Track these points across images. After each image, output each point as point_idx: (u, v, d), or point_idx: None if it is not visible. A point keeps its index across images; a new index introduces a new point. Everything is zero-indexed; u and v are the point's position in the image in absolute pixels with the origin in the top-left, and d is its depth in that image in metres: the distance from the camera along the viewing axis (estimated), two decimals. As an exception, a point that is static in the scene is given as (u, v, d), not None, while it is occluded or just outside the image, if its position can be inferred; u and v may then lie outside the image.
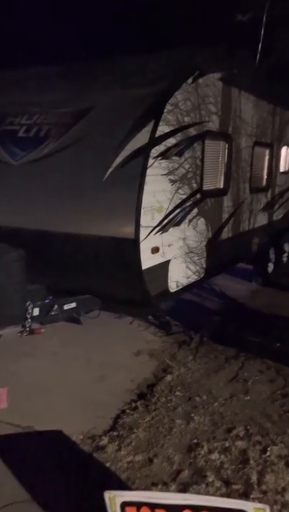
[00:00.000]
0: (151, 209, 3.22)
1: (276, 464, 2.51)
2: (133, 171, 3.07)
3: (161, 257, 3.45)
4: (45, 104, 3.77)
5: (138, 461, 2.53)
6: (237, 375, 3.54)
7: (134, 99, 3.31)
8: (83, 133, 3.41)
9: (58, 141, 3.49)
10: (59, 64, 4.38)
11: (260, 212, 5.67)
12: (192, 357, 3.89)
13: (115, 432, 2.81)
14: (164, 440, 2.72)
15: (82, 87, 3.83)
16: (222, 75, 4.07)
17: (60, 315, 3.40)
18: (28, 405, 3.06)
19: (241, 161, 4.79)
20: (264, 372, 3.59)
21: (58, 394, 3.24)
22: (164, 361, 3.83)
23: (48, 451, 2.61)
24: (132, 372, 3.60)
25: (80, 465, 2.50)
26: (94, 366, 3.70)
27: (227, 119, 4.34)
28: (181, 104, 3.44)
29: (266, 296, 5.76)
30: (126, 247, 3.13)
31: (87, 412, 3.02)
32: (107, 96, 3.53)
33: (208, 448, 2.63)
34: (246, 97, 4.71)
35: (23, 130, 3.73)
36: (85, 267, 3.41)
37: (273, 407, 3.11)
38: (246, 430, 2.82)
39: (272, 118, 5.62)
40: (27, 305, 3.15)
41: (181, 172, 3.57)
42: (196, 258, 3.99)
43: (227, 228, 4.67)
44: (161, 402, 3.12)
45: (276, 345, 4.15)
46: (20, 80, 4.31)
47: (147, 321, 4.72)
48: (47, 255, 3.45)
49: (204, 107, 3.84)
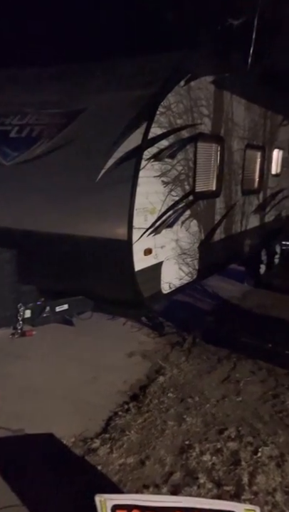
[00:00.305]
0: (144, 210, 3.22)
1: (267, 464, 2.52)
2: (126, 173, 3.07)
3: (154, 258, 3.45)
4: (38, 105, 3.75)
5: (130, 463, 2.52)
6: (229, 376, 3.56)
7: (126, 101, 3.31)
8: (76, 134, 3.40)
9: (50, 142, 3.48)
10: (52, 65, 4.37)
11: (252, 214, 5.71)
12: (185, 358, 3.90)
13: (107, 434, 2.80)
14: (156, 442, 2.72)
15: (75, 88, 3.83)
16: (214, 78, 4.10)
17: (52, 317, 3.38)
18: (18, 408, 3.04)
19: (233, 164, 4.82)
20: (256, 373, 3.62)
21: (50, 396, 3.22)
22: (157, 362, 3.83)
23: (39, 455, 2.59)
24: (124, 374, 3.60)
25: (72, 468, 2.48)
26: (86, 368, 3.69)
27: (219, 121, 4.37)
28: (173, 107, 3.45)
29: (258, 297, 5.81)
30: (119, 249, 3.13)
31: (79, 414, 3.00)
32: (100, 97, 3.53)
33: (200, 449, 2.64)
34: (238, 100, 4.75)
35: (15, 131, 3.71)
36: (77, 268, 3.40)
37: (265, 407, 3.13)
38: (238, 431, 2.83)
39: (263, 121, 5.68)
40: (18, 307, 3.13)
41: (174, 174, 3.59)
42: (188, 259, 4.00)
43: (219, 230, 4.70)
44: (154, 404, 3.12)
45: (268, 346, 4.18)
46: (12, 80, 4.29)
47: (140, 322, 4.72)
48: (39, 256, 3.43)
49: (196, 110, 3.86)
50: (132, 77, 3.59)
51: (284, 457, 2.58)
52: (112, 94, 3.50)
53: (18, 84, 4.20)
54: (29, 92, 4.04)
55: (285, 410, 3.07)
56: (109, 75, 3.81)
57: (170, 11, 5.40)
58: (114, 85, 3.61)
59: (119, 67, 3.89)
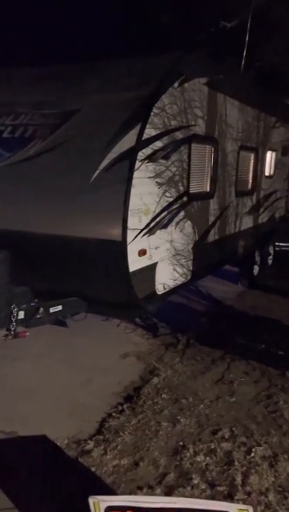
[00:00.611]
0: (139, 211, 3.22)
1: (260, 464, 2.54)
2: (120, 174, 3.07)
3: (149, 259, 3.45)
4: (31, 105, 3.74)
5: (124, 465, 2.52)
6: (223, 377, 3.58)
7: (121, 102, 3.31)
8: (70, 135, 3.39)
9: (44, 143, 3.46)
10: (46, 65, 4.35)
11: (246, 216, 5.75)
12: (179, 359, 3.90)
13: (101, 435, 2.79)
14: (150, 443, 2.72)
15: (68, 88, 3.82)
16: (208, 80, 4.12)
17: (46, 318, 3.36)
18: (12, 410, 3.01)
19: (227, 165, 4.85)
20: (249, 374, 3.64)
21: (43, 398, 3.20)
22: (151, 363, 3.83)
23: (32, 457, 2.57)
24: (118, 375, 3.59)
25: (65, 470, 2.47)
26: (80, 369, 3.67)
27: (213, 123, 4.39)
28: (167, 108, 3.46)
29: (252, 298, 5.84)
30: (113, 250, 3.12)
31: (72, 416, 2.99)
32: (94, 98, 3.52)
33: (194, 450, 2.64)
34: (232, 101, 4.78)
35: (8, 131, 3.68)
36: (71, 269, 3.38)
37: (258, 408, 3.15)
38: (231, 432, 2.84)
39: (257, 123, 5.72)
40: (12, 308, 3.11)
41: (168, 175, 3.59)
42: (183, 260, 4.01)
43: (213, 231, 4.72)
44: (148, 405, 3.12)
45: (261, 347, 4.20)
46: (6, 80, 4.26)
47: (134, 323, 4.71)
48: (32, 257, 3.41)
49: (190, 111, 3.87)
50: (126, 78, 3.59)
51: (277, 457, 2.60)
52: (107, 95, 3.50)
53: (11, 84, 4.18)
54: (23, 92, 4.01)
55: (278, 410, 3.10)
56: (104, 75, 3.81)
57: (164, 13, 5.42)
58: (109, 86, 3.61)
59: (113, 68, 3.89)
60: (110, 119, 3.27)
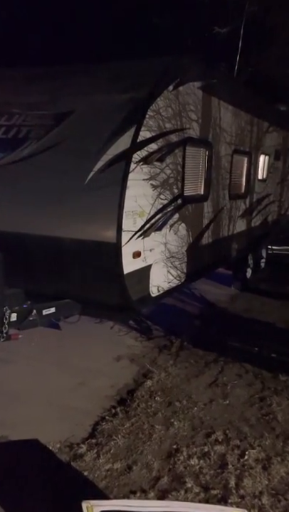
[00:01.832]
0: (133, 213, 3.21)
1: (254, 467, 2.53)
2: (115, 176, 3.06)
3: (143, 261, 3.44)
4: (26, 106, 3.71)
5: (117, 468, 2.49)
6: (216, 380, 3.57)
7: (116, 104, 3.31)
8: (64, 136, 3.38)
9: (38, 144, 3.44)
10: (41, 66, 4.34)
11: (239, 219, 5.79)
12: (172, 362, 3.89)
13: (94, 439, 2.76)
14: (144, 447, 2.69)
15: (63, 90, 3.81)
16: (202, 84, 4.15)
17: (39, 320, 3.32)
18: (3, 413, 2.97)
19: (221, 168, 4.88)
20: (242, 377, 3.64)
21: (35, 401, 3.16)
22: (145, 366, 3.81)
23: (23, 461, 2.53)
24: (112, 378, 3.56)
25: (58, 474, 2.43)
26: (73, 372, 3.64)
27: (207, 126, 4.42)
28: (162, 111, 3.48)
29: (245, 301, 5.87)
30: (107, 252, 3.11)
31: (65, 419, 2.95)
32: (89, 100, 3.52)
33: (188, 453, 2.63)
34: (226, 106, 4.83)
35: (1, 131, 3.65)
36: (65, 271, 3.36)
37: (251, 410, 3.15)
38: (225, 435, 2.84)
39: (250, 127, 5.78)
40: (4, 310, 3.06)
41: (163, 177, 3.60)
42: (177, 263, 4.01)
43: (207, 234, 4.73)
44: (141, 408, 3.10)
45: (254, 350, 4.22)
46: (0, 80, 4.23)
47: (128, 325, 4.69)
48: (25, 258, 3.38)
49: (185, 114, 3.89)
50: (122, 80, 3.59)
51: (270, 460, 2.60)
52: (102, 96, 3.49)
53: (5, 84, 4.15)
54: (17, 92, 3.99)
55: (272, 413, 3.10)
56: (99, 77, 3.81)
57: (159, 17, 5.47)
58: (104, 88, 3.61)
59: (108, 69, 3.89)
60: (105, 120, 3.27)
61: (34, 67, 4.30)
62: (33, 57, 4.71)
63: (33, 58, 4.76)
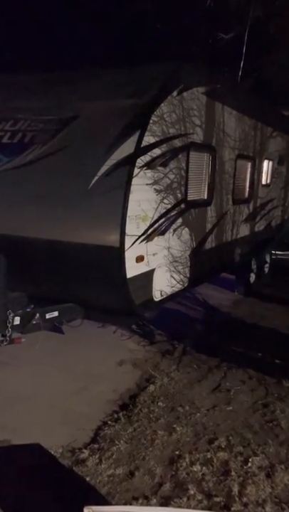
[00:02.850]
0: (137, 218, 3.22)
1: (257, 475, 2.50)
2: (119, 180, 3.08)
3: (146, 265, 3.45)
4: (31, 111, 3.75)
5: (119, 474, 2.47)
6: (219, 385, 3.55)
7: (120, 109, 3.34)
8: (69, 140, 3.41)
9: (43, 148, 3.47)
10: (46, 72, 4.39)
11: (243, 223, 5.78)
12: (175, 367, 3.87)
13: (96, 444, 2.75)
14: (146, 452, 2.67)
15: (68, 95, 3.85)
16: (206, 90, 4.17)
17: (42, 324, 3.33)
18: (5, 418, 2.96)
19: (224, 173, 4.89)
20: (246, 382, 3.61)
21: (38, 405, 3.15)
22: (147, 371, 3.79)
23: (25, 466, 2.52)
24: (114, 383, 3.55)
25: (59, 480, 2.42)
26: (75, 376, 3.63)
27: (211, 131, 4.44)
28: (166, 116, 3.50)
29: (248, 306, 5.84)
30: (111, 256, 3.11)
31: (67, 424, 2.94)
32: (94, 105, 3.55)
33: (190, 460, 2.61)
34: (229, 111, 4.85)
35: (7, 136, 3.69)
36: (68, 275, 3.36)
37: (255, 417, 3.12)
38: (228, 441, 2.81)
39: (254, 132, 5.79)
40: (7, 313, 3.07)
41: (166, 182, 3.61)
42: (180, 267, 4.01)
43: (210, 238, 4.73)
44: (144, 413, 3.08)
45: (258, 355, 4.19)
46: (5, 86, 4.29)
47: (130, 330, 4.68)
48: (29, 262, 3.39)
49: (189, 120, 3.91)
50: (126, 86, 3.62)
51: (274, 468, 2.57)
52: (106, 102, 3.53)
53: (10, 90, 4.20)
54: (22, 98, 4.04)
55: (275, 420, 3.07)
56: (103, 83, 3.85)
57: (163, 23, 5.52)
58: (108, 93, 3.64)
59: (112, 75, 3.93)
60: (109, 125, 3.29)
61: (39, 73, 4.35)
62: (38, 64, 4.77)
63: (37, 64, 4.82)
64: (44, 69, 4.39)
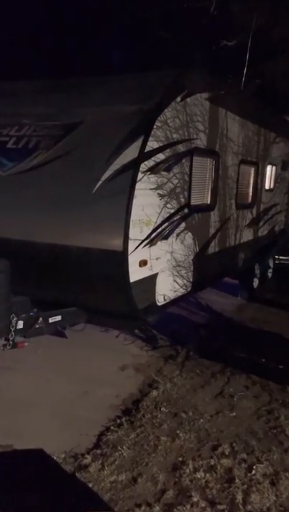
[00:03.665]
0: (140, 222, 3.23)
1: (261, 482, 2.47)
2: (122, 185, 3.09)
3: (149, 270, 3.44)
4: (35, 117, 3.79)
5: (122, 480, 2.45)
6: (223, 391, 3.52)
7: (124, 115, 3.36)
8: (73, 146, 3.43)
9: (47, 153, 3.50)
10: (50, 78, 4.44)
11: (246, 228, 5.77)
12: (178, 372, 3.85)
13: (99, 449, 2.73)
14: (149, 458, 2.65)
15: (72, 101, 3.88)
16: (209, 95, 4.20)
17: (45, 328, 3.32)
18: (7, 422, 2.95)
19: (228, 178, 4.90)
20: (249, 388, 3.58)
21: (40, 410, 3.14)
22: (150, 376, 3.78)
23: (28, 472, 2.50)
24: (117, 388, 3.53)
25: (62, 485, 2.40)
26: (78, 381, 3.61)
27: (214, 137, 4.45)
28: (170, 121, 3.52)
29: (252, 311, 5.81)
30: (114, 260, 3.12)
31: (69, 429, 2.93)
32: (98, 111, 3.58)
33: (194, 466, 2.58)
34: (233, 116, 4.87)
35: (12, 141, 3.73)
36: (71, 279, 3.37)
37: (258, 423, 3.09)
38: (232, 448, 2.78)
39: (257, 138, 5.80)
40: (11, 317, 3.07)
41: (170, 187, 3.62)
42: (183, 272, 4.01)
43: (214, 243, 4.73)
44: (147, 419, 3.06)
45: (261, 361, 4.16)
46: (10, 92, 4.34)
47: (133, 334, 4.67)
48: (32, 266, 3.40)
49: (192, 125, 3.93)
50: (130, 92, 3.65)
51: (278, 475, 2.54)
52: (110, 107, 3.55)
53: (15, 96, 4.25)
54: (27, 104, 4.08)
55: (279, 426, 3.04)
56: (107, 89, 3.88)
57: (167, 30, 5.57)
58: (112, 99, 3.67)
59: (116, 81, 3.96)
60: (113, 131, 3.32)
61: (44, 79, 4.40)
62: (43, 70, 4.83)
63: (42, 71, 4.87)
64: (49, 75, 4.44)
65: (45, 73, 4.64)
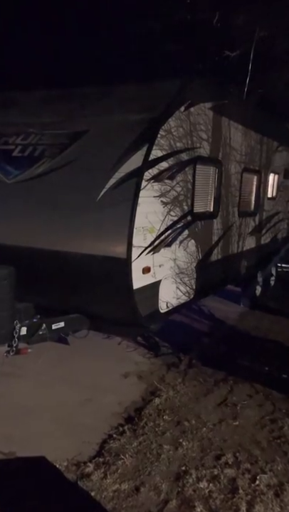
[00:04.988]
0: (144, 229, 3.26)
1: (265, 493, 2.44)
2: (127, 192, 3.13)
3: (152, 277, 3.46)
4: (41, 126, 3.85)
5: (124, 489, 2.43)
6: (226, 399, 3.50)
7: (128, 124, 3.41)
8: (78, 154, 3.48)
9: (53, 161, 3.54)
10: (56, 88, 4.51)
11: (249, 236, 5.79)
12: (181, 380, 3.83)
13: (101, 458, 2.71)
14: (152, 467, 2.63)
15: (78, 110, 3.94)
16: (213, 105, 4.25)
17: (48, 335, 3.33)
18: (10, 429, 2.94)
19: (230, 186, 4.93)
20: (253, 397, 3.56)
21: (43, 417, 3.13)
22: (153, 384, 3.76)
23: (30, 479, 2.49)
24: (119, 395, 3.52)
25: (64, 494, 2.38)
26: (80, 388, 3.60)
27: (217, 145, 4.50)
28: (173, 131, 3.56)
29: (254, 319, 5.79)
30: (117, 267, 3.13)
31: (72, 436, 2.91)
32: (102, 120, 3.63)
33: (197, 476, 2.56)
34: (235, 126, 4.92)
35: (18, 150, 3.78)
36: (75, 286, 3.38)
37: (262, 433, 3.06)
38: (235, 457, 2.75)
39: (260, 146, 5.86)
40: (14, 324, 3.09)
41: (173, 195, 3.66)
42: (186, 279, 4.01)
43: (216, 250, 4.74)
44: (149, 427, 3.04)
45: (264, 369, 4.13)
46: (16, 101, 4.41)
47: (136, 342, 4.66)
48: (37, 273, 3.42)
49: (196, 134, 3.98)
50: (134, 101, 3.71)
51: (283, 486, 2.51)
52: (115, 116, 3.61)
53: (21, 105, 4.32)
54: (32, 113, 4.14)
55: (283, 436, 3.01)
56: (112, 98, 3.94)
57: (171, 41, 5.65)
58: (117, 108, 3.72)
59: (121, 91, 4.02)
60: (118, 139, 3.36)
61: (49, 88, 4.47)
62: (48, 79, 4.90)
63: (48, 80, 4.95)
64: (54, 84, 4.51)
65: (50, 82, 4.71)
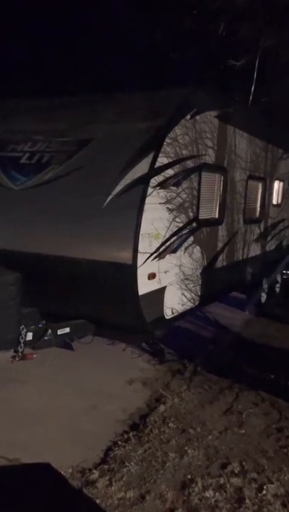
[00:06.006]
0: (149, 236, 3.28)
1: (272, 503, 2.41)
2: (133, 199, 3.16)
3: (158, 283, 3.46)
4: (48, 133, 3.91)
5: (129, 497, 2.41)
6: (231, 407, 3.47)
7: (135, 131, 3.46)
8: (85, 161, 3.53)
9: (59, 168, 3.59)
10: (63, 96, 4.59)
11: (254, 243, 5.78)
12: (186, 387, 3.81)
13: (106, 465, 2.69)
14: (157, 475, 2.61)
15: (85, 118, 4.00)
16: (218, 113, 4.30)
17: (54, 340, 3.34)
18: (14, 435, 2.93)
19: (236, 193, 4.95)
20: (258, 405, 3.53)
21: (47, 423, 3.12)
22: (158, 390, 3.74)
23: (35, 486, 2.48)
24: (124, 402, 3.51)
25: (69, 501, 2.37)
26: (85, 394, 3.60)
27: (223, 153, 4.53)
28: (179, 138, 3.60)
29: (259, 326, 5.76)
30: (123, 273, 3.15)
31: (77, 443, 2.90)
32: (109, 128, 3.68)
33: (203, 485, 2.53)
34: (241, 133, 4.96)
35: (25, 157, 3.84)
36: (81, 291, 3.40)
37: (268, 441, 3.03)
38: (241, 466, 2.72)
39: (265, 154, 5.88)
40: (20, 329, 3.10)
41: (179, 201, 3.68)
42: (191, 285, 4.01)
43: (222, 257, 4.74)
44: (154, 434, 3.02)
45: (270, 377, 4.10)
46: (24, 109, 4.49)
47: (141, 348, 4.65)
48: (43, 278, 3.44)
49: (201, 142, 4.02)
50: (141, 109, 3.76)
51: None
52: (121, 124, 3.66)
53: (29, 113, 4.39)
54: (40, 120, 4.21)
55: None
56: (118, 106, 4.00)
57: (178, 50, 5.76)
58: (124, 116, 3.78)
59: (128, 99, 4.08)
60: (124, 147, 3.41)
61: (56, 96, 4.55)
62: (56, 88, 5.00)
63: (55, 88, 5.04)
64: (62, 92, 4.59)
65: (57, 90, 4.80)
